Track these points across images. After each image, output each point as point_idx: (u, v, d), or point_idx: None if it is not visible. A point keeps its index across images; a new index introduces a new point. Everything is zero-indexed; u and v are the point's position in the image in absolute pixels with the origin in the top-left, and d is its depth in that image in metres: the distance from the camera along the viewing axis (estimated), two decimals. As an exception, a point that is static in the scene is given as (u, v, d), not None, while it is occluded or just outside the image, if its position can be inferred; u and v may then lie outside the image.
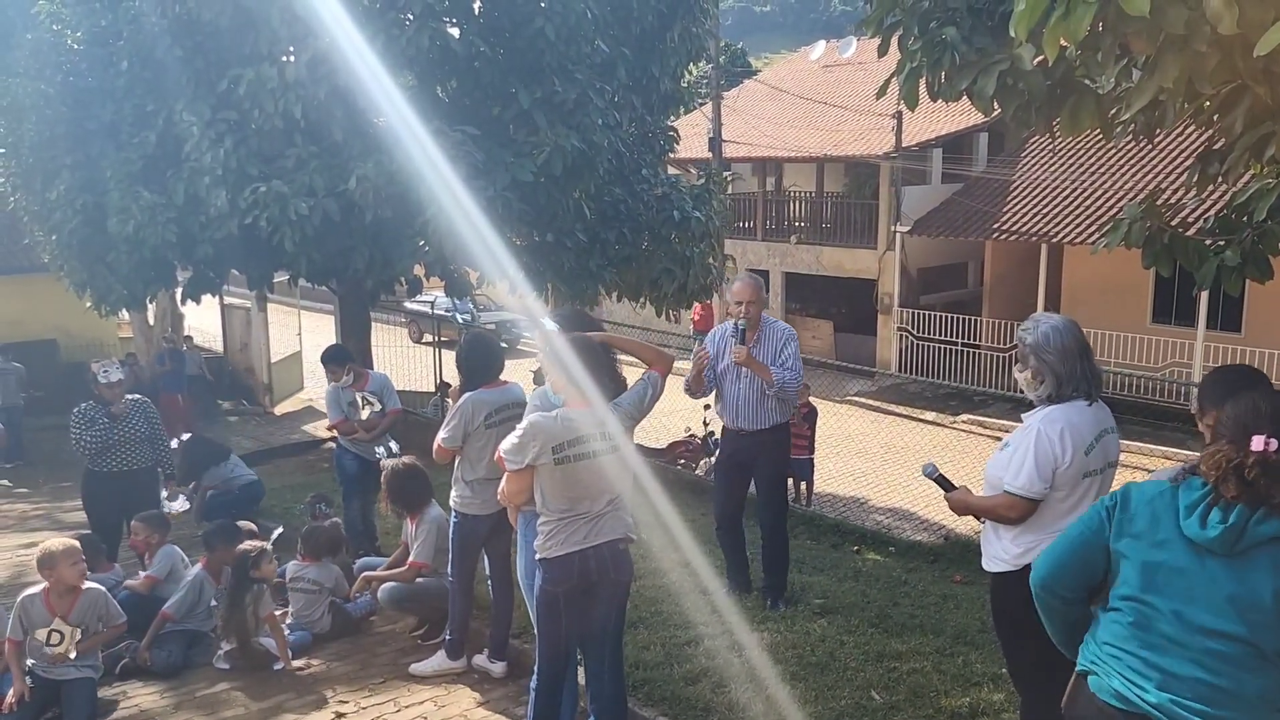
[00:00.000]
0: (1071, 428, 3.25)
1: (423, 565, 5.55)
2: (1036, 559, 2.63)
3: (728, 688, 4.48)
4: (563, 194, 9.91)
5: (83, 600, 4.96)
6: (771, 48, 69.22)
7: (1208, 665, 2.25)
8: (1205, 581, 2.27)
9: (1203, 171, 4.45)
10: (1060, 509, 3.26)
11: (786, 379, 5.39)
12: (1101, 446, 3.33)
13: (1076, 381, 3.30)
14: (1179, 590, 2.30)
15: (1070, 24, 2.78)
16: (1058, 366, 3.30)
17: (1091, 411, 3.33)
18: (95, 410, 6.79)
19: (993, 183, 19.49)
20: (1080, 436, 3.26)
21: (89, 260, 10.70)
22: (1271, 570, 2.20)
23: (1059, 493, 3.26)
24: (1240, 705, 2.23)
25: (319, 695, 5.09)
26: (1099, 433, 3.33)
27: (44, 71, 10.32)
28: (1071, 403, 3.31)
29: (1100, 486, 3.34)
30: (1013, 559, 3.34)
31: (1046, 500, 3.25)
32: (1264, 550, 2.22)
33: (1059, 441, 3.23)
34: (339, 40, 8.53)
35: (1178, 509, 2.34)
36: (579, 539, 3.72)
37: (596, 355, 3.78)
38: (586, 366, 3.70)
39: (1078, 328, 3.40)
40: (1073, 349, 3.31)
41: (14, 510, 10.99)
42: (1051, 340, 3.32)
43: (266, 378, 17.74)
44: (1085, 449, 3.26)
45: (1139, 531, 2.38)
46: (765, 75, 30.22)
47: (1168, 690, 2.28)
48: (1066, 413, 3.28)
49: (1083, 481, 3.29)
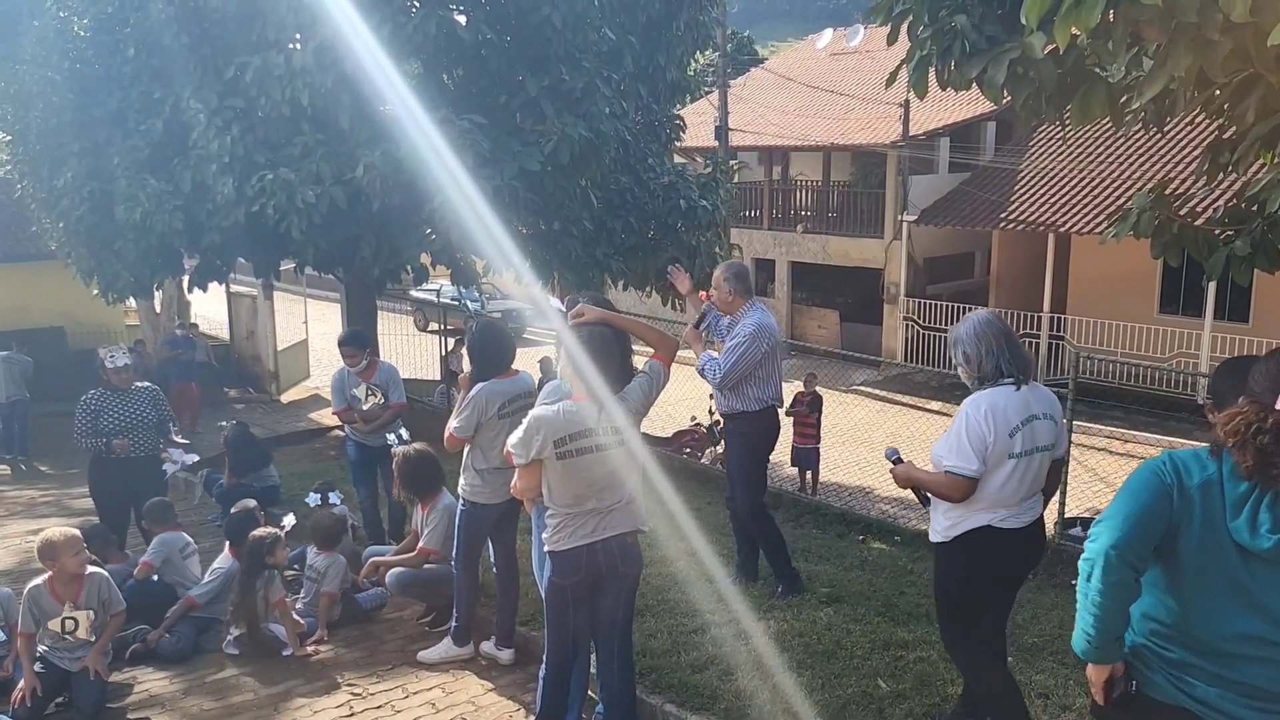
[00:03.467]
0: (996, 410, 3.45)
1: (432, 551, 5.56)
2: (1100, 527, 2.37)
3: (734, 675, 4.49)
4: (569, 183, 9.90)
5: (88, 585, 4.99)
6: (778, 36, 68.93)
7: (1259, 670, 2.20)
8: (1256, 590, 2.19)
9: (1213, 161, 4.44)
10: (986, 488, 3.47)
11: (702, 362, 5.34)
12: (1029, 430, 3.48)
13: (998, 367, 3.51)
14: (1228, 598, 2.22)
15: (1082, 12, 2.78)
16: (978, 354, 3.54)
17: (1020, 396, 3.50)
18: (103, 397, 6.81)
19: (1000, 172, 19.42)
20: (1005, 418, 3.44)
21: (96, 247, 10.73)
22: None
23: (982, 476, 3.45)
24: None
25: (328, 681, 5.12)
26: (1026, 417, 3.48)
27: (50, 58, 10.32)
28: (998, 387, 3.51)
29: (1027, 470, 3.49)
30: (944, 531, 3.61)
31: None
32: None
33: (984, 422, 3.43)
34: (345, 27, 8.53)
35: (1225, 504, 2.21)
36: (587, 532, 3.72)
37: (608, 346, 3.72)
38: (595, 357, 3.68)
39: (1000, 320, 3.62)
40: (988, 336, 3.54)
41: (22, 496, 11.04)
42: (972, 330, 3.57)
43: (273, 366, 17.77)
44: (1009, 431, 3.44)
45: (1193, 522, 2.26)
46: (772, 63, 30.11)
47: (1215, 687, 2.24)
48: (992, 396, 3.49)
49: (1007, 463, 3.45)
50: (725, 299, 5.37)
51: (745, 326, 5.29)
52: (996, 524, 3.51)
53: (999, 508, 3.51)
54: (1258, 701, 2.21)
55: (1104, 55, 3.47)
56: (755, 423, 5.46)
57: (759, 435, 5.54)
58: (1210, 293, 15.42)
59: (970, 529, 3.54)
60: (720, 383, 5.30)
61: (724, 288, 5.36)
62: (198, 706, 4.91)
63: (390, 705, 4.82)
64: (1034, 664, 4.79)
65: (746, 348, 5.22)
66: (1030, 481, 3.53)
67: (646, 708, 4.31)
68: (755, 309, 5.38)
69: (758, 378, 5.34)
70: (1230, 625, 2.22)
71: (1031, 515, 3.60)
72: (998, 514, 3.51)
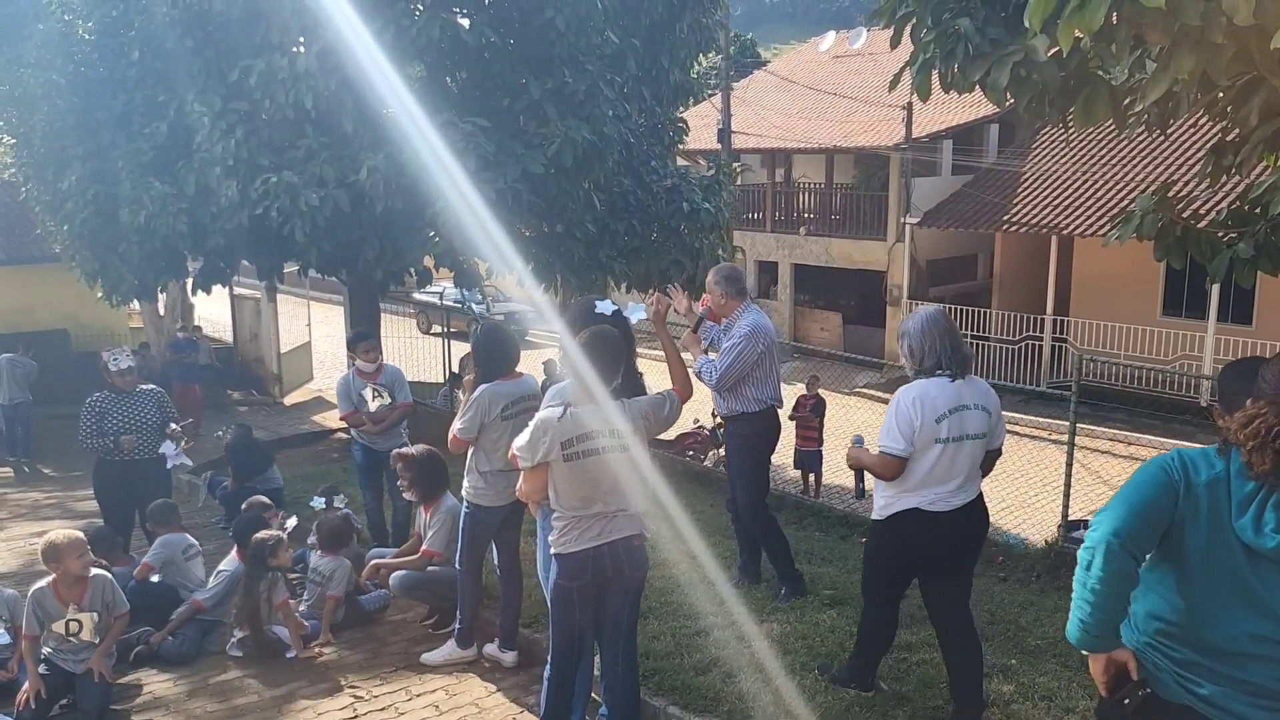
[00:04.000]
0: (926, 398, 3.73)
1: (435, 554, 5.57)
2: (1103, 515, 2.37)
3: (737, 678, 4.49)
4: (572, 185, 9.91)
5: (92, 587, 4.99)
6: (781, 38, 68.94)
7: (1265, 670, 2.19)
8: (1261, 589, 2.18)
9: (1216, 164, 4.43)
10: (915, 470, 3.76)
11: (700, 364, 5.35)
12: (957, 419, 3.75)
13: (936, 360, 3.78)
14: (1233, 597, 2.22)
15: (1085, 15, 2.78)
16: (921, 349, 3.82)
17: (954, 387, 3.77)
18: (107, 400, 6.82)
19: (1003, 174, 19.42)
20: (933, 407, 3.72)
21: (100, 250, 10.76)
22: None
23: (913, 458, 3.74)
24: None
25: (331, 683, 5.13)
26: (956, 406, 3.75)
27: (55, 62, 10.36)
28: (934, 378, 3.78)
29: (956, 455, 3.75)
30: (880, 509, 3.94)
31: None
32: None
33: (912, 408, 3.72)
34: (349, 31, 8.55)
35: (1231, 503, 2.20)
36: (593, 535, 3.72)
37: (613, 349, 3.72)
38: (599, 359, 3.68)
39: (943, 316, 3.89)
40: (933, 333, 3.81)
41: (26, 499, 11.06)
42: (919, 326, 3.85)
43: (276, 368, 17.80)
44: (936, 418, 3.71)
45: (1199, 520, 2.25)
46: (775, 66, 30.12)
47: (1221, 685, 2.23)
48: (925, 386, 3.77)
49: (934, 447, 3.73)
50: (719, 302, 5.38)
51: (741, 328, 5.29)
52: (925, 506, 3.78)
53: (928, 490, 3.77)
54: (1263, 700, 2.21)
55: (1107, 58, 3.46)
56: (755, 424, 5.46)
57: (759, 436, 5.54)
58: (1214, 295, 15.41)
59: (902, 509, 3.82)
60: (718, 384, 5.31)
61: (716, 291, 5.36)
62: (201, 708, 4.92)
63: (394, 707, 4.83)
64: (1038, 666, 4.78)
65: (743, 349, 5.23)
66: (961, 467, 3.78)
67: (650, 710, 4.32)
68: (750, 310, 5.38)
69: (755, 378, 5.35)
70: (1236, 625, 2.22)
71: (964, 498, 3.84)
72: (927, 497, 3.78)
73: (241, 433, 8.95)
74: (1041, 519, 10.61)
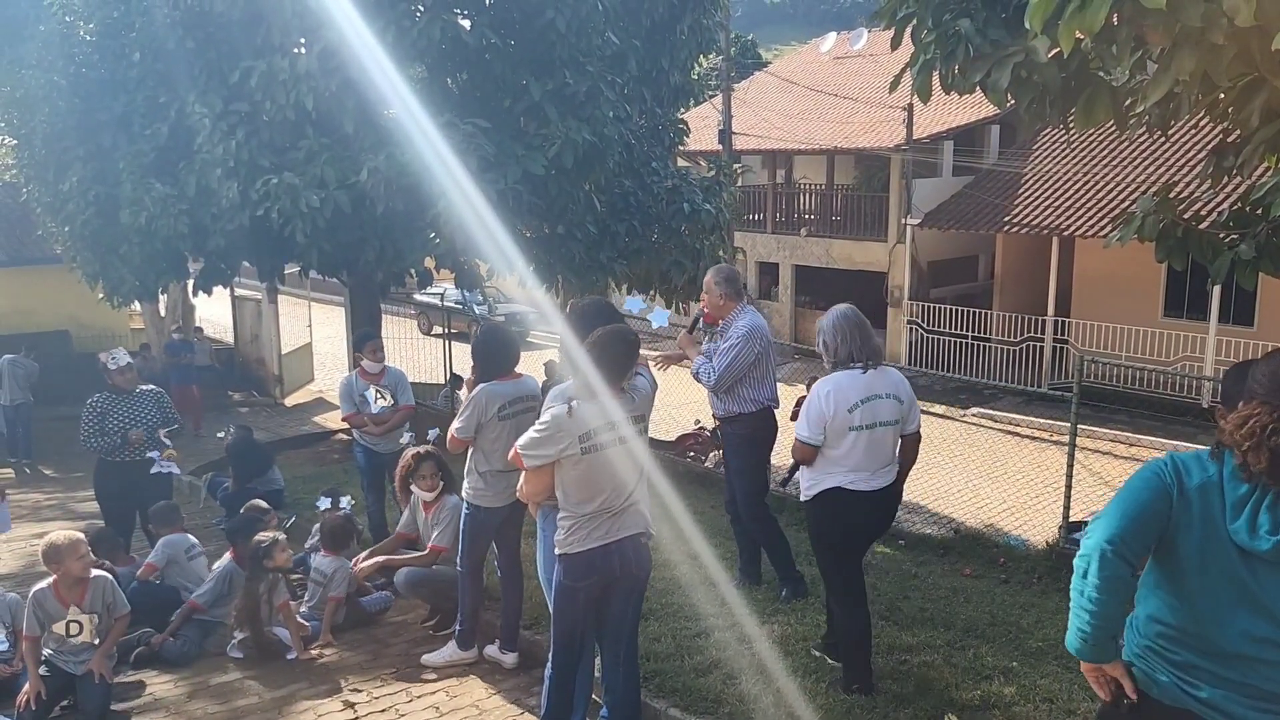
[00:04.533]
0: (839, 390, 4.09)
1: (443, 549, 5.58)
2: (1096, 524, 2.38)
3: (738, 679, 4.49)
4: (573, 186, 9.91)
5: (92, 588, 5.00)
6: (782, 39, 68.93)
7: (1264, 673, 2.18)
8: (1259, 591, 2.17)
9: (1217, 165, 4.43)
10: (832, 455, 4.12)
11: (697, 365, 5.38)
12: (869, 407, 4.09)
13: (850, 354, 4.13)
14: (1230, 600, 2.21)
15: (1086, 16, 2.77)
16: (834, 342, 4.18)
17: (865, 378, 4.13)
18: (108, 400, 6.82)
19: (1004, 175, 19.40)
20: (845, 397, 4.06)
21: (101, 251, 10.75)
22: None
23: (830, 444, 4.10)
24: None
25: (332, 685, 5.13)
26: (868, 396, 4.10)
27: (56, 63, 10.35)
28: (847, 370, 4.14)
29: (871, 441, 4.10)
30: (806, 490, 4.30)
31: (822, 449, 4.12)
32: None
33: (824, 400, 4.08)
34: (350, 32, 8.54)
35: (1225, 505, 2.20)
36: (600, 534, 3.72)
37: (631, 349, 3.74)
38: (615, 356, 3.67)
39: (854, 313, 4.24)
40: (844, 329, 4.17)
41: (27, 500, 11.06)
42: (832, 323, 4.21)
43: (277, 369, 17.81)
44: (849, 407, 4.06)
45: (1193, 524, 2.25)
46: (776, 67, 30.12)
47: (1221, 688, 2.22)
48: (838, 378, 4.13)
49: (848, 434, 4.08)
50: (716, 302, 5.39)
51: (738, 329, 5.31)
52: (846, 485, 4.14)
53: (849, 472, 4.13)
54: (1263, 703, 2.20)
55: (1108, 59, 3.46)
56: (752, 424, 5.48)
57: (756, 436, 5.56)
58: (1215, 296, 15.39)
59: (825, 488, 4.19)
60: (715, 385, 5.32)
61: (715, 291, 5.38)
62: (202, 710, 4.92)
63: (394, 709, 4.83)
64: (1039, 668, 4.78)
65: (740, 349, 5.25)
66: (877, 452, 4.14)
67: (651, 711, 4.31)
68: (746, 311, 5.41)
69: (752, 379, 5.36)
70: (1234, 626, 2.21)
71: (883, 481, 4.21)
72: (848, 478, 4.14)
73: (242, 434, 8.96)
74: (1043, 520, 10.59)
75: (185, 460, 10.78)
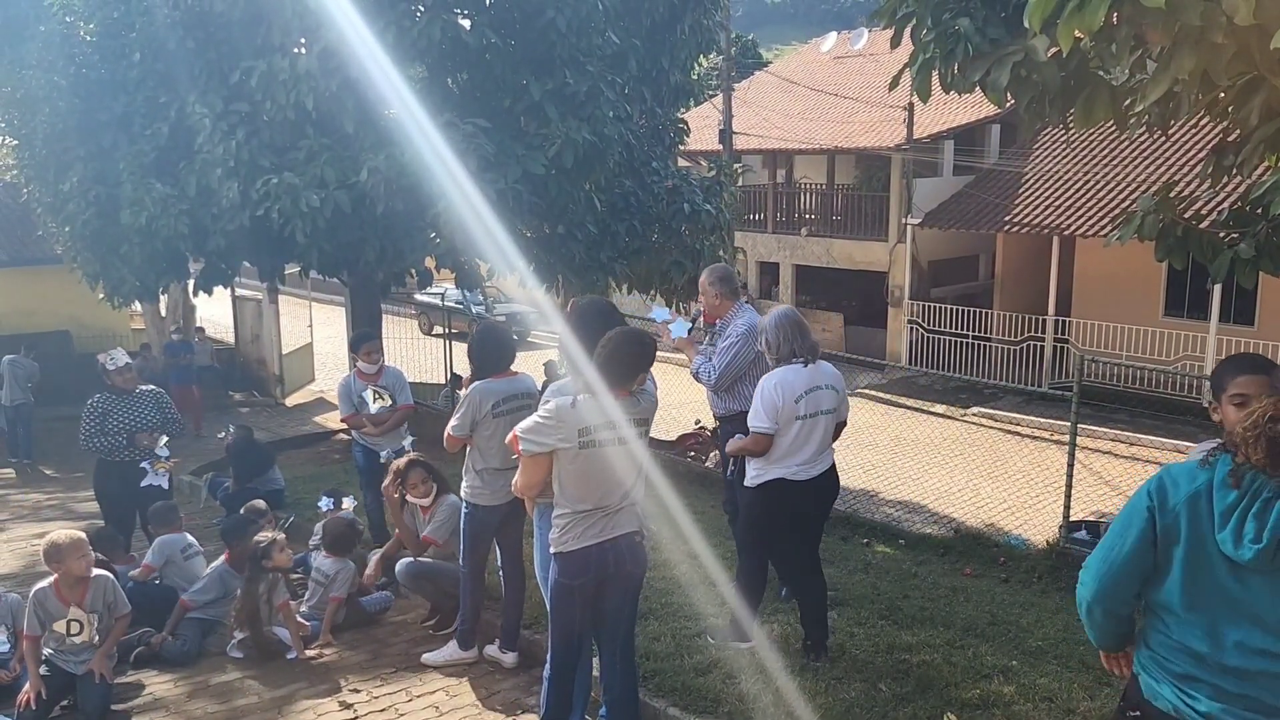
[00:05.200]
0: (785, 383, 4.41)
1: (434, 542, 5.59)
2: (1086, 575, 2.47)
3: (738, 679, 4.49)
4: (573, 186, 9.91)
5: (93, 588, 5.00)
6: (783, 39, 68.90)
7: (1262, 684, 2.17)
8: (1250, 601, 2.15)
9: (1217, 164, 4.43)
10: (779, 443, 4.43)
11: (697, 365, 5.40)
12: (812, 398, 4.44)
13: (791, 350, 4.46)
14: (1223, 611, 2.19)
15: (1085, 15, 2.77)
16: (776, 340, 4.50)
17: (807, 371, 4.46)
18: (109, 401, 6.82)
19: (1005, 175, 19.40)
20: (791, 389, 4.40)
21: (102, 252, 10.76)
22: None
23: (777, 434, 4.39)
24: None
25: (332, 684, 5.12)
26: (810, 387, 4.44)
27: (56, 63, 10.36)
28: (789, 365, 4.47)
29: (813, 430, 4.45)
30: (751, 480, 4.58)
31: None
32: None
33: (775, 391, 4.40)
34: (350, 32, 8.55)
35: (1214, 515, 2.18)
36: (595, 532, 3.71)
37: (648, 356, 3.73)
38: (628, 360, 3.67)
39: (794, 313, 4.61)
40: (786, 327, 4.49)
41: (28, 500, 11.07)
42: (773, 322, 4.53)
43: (278, 369, 17.80)
44: (795, 398, 4.39)
45: (1179, 538, 2.24)
46: (776, 67, 30.11)
47: (1219, 701, 2.21)
48: (783, 372, 4.45)
49: (795, 423, 4.41)
50: (713, 302, 5.40)
51: (737, 327, 5.32)
52: (789, 476, 4.46)
53: (790, 462, 4.44)
54: (1262, 716, 2.18)
55: (1107, 58, 3.46)
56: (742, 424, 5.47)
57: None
58: (1215, 296, 15.39)
59: (770, 479, 4.48)
60: (715, 384, 5.34)
61: (710, 291, 5.40)
62: (201, 709, 4.92)
63: (394, 708, 4.83)
64: (1038, 667, 4.78)
65: (739, 348, 5.27)
66: (817, 440, 4.48)
67: (650, 711, 4.31)
68: (744, 310, 5.42)
69: (752, 377, 5.35)
70: (1228, 638, 2.19)
71: (820, 468, 4.55)
72: (790, 468, 4.45)
73: (243, 434, 8.96)
74: (1043, 520, 10.59)
75: (186, 460, 10.79)
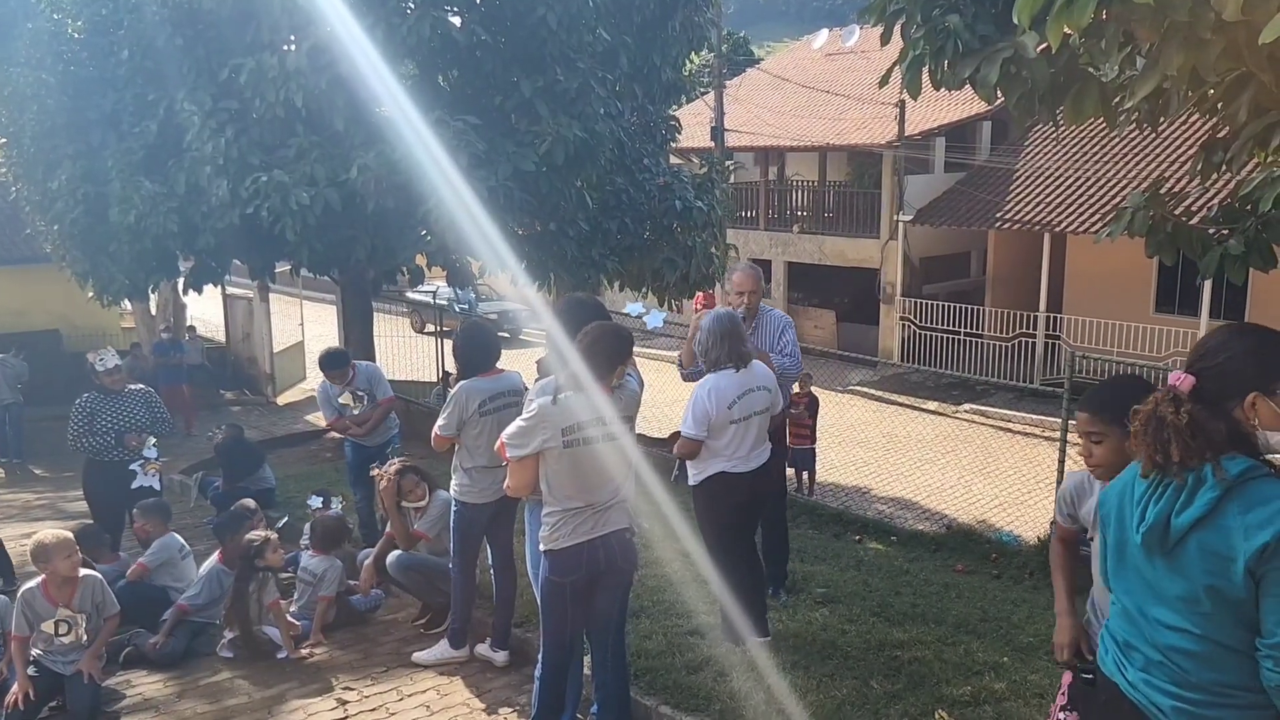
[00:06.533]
0: (718, 390, 4.48)
1: (423, 535, 5.59)
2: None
3: (729, 677, 4.48)
4: (565, 183, 9.89)
5: (82, 588, 4.97)
6: (774, 36, 69.00)
7: (1174, 659, 2.25)
8: (1157, 580, 2.27)
9: (1206, 160, 4.43)
10: (716, 446, 4.54)
11: (786, 365, 5.42)
12: (746, 401, 4.53)
13: (722, 356, 4.51)
14: (1140, 588, 2.33)
15: (1074, 11, 2.77)
16: (707, 346, 4.55)
17: (739, 376, 4.52)
18: (97, 401, 6.79)
19: (996, 172, 19.43)
20: (724, 395, 4.48)
21: (91, 250, 10.72)
22: (1199, 563, 2.16)
23: (714, 437, 4.51)
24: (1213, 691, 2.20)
25: (322, 684, 5.11)
26: (743, 391, 4.51)
27: (44, 61, 10.31)
28: (722, 371, 4.52)
29: (748, 430, 4.56)
30: (694, 477, 4.71)
31: (707, 441, 4.53)
32: (1190, 542, 2.17)
33: (707, 399, 4.47)
34: (340, 29, 8.52)
35: (1133, 505, 2.34)
36: (586, 530, 3.70)
37: (624, 347, 3.73)
38: (606, 354, 3.67)
39: (728, 319, 4.59)
40: (718, 333, 4.52)
41: (17, 500, 11.02)
42: (707, 327, 4.57)
43: (269, 368, 17.76)
44: (728, 404, 4.48)
45: (1110, 525, 2.42)
46: (768, 64, 30.12)
47: (1145, 671, 2.32)
48: (717, 379, 4.51)
49: (730, 428, 4.50)
50: (755, 301, 5.48)
51: (784, 320, 5.58)
52: (729, 470, 4.59)
53: (730, 459, 4.58)
54: (1182, 690, 2.24)
55: (1097, 54, 3.46)
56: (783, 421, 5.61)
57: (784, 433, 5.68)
58: (1206, 292, 15.43)
59: (711, 474, 4.62)
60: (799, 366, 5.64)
61: (759, 290, 5.52)
62: (191, 710, 4.90)
63: (385, 708, 4.81)
64: (1030, 663, 4.79)
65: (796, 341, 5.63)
66: (753, 438, 4.60)
67: (641, 709, 4.31)
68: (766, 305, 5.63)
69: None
70: (1151, 615, 2.30)
71: (758, 462, 4.66)
72: (730, 463, 4.59)
73: (233, 433, 8.92)
74: (1035, 516, 10.62)
75: (177, 460, 10.77)
